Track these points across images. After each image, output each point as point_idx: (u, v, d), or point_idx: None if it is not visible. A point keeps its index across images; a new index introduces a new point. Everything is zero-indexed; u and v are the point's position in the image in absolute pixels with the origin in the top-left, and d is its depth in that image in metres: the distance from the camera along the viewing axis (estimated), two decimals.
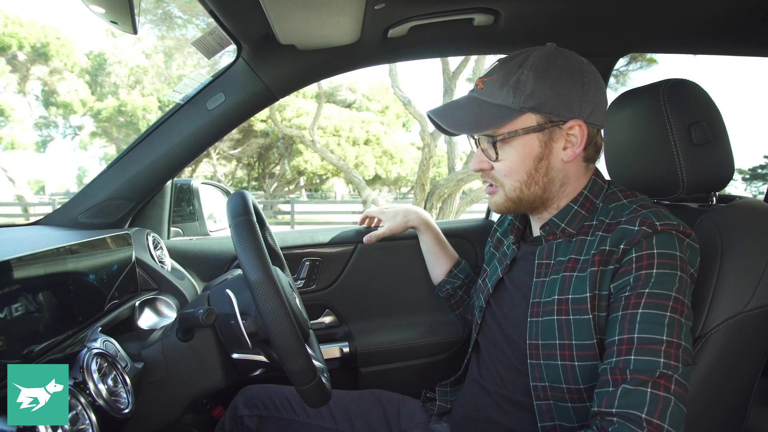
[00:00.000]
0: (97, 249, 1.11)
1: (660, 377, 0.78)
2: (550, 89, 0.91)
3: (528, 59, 0.92)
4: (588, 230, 0.96)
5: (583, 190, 0.99)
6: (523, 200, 0.98)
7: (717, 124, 1.08)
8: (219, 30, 1.23)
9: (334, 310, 1.70)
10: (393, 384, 1.51)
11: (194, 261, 1.60)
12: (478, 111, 0.94)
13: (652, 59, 9.71)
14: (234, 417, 1.25)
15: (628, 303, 0.84)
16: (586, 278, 0.90)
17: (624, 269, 0.86)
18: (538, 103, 0.91)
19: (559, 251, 0.98)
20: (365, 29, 1.24)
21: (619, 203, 0.96)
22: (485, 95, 0.95)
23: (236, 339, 0.98)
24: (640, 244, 0.86)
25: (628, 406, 0.78)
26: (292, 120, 15.29)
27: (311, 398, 0.89)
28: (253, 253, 0.86)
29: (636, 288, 0.84)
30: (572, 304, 0.91)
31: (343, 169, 10.78)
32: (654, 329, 0.81)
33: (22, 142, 15.47)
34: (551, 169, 0.96)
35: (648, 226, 0.86)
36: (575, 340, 0.89)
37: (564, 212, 0.99)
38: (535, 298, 0.98)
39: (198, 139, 1.39)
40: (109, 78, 16.96)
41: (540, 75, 0.91)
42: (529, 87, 0.90)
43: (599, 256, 0.90)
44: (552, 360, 0.92)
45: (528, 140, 0.94)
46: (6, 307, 0.77)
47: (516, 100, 0.91)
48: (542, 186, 0.97)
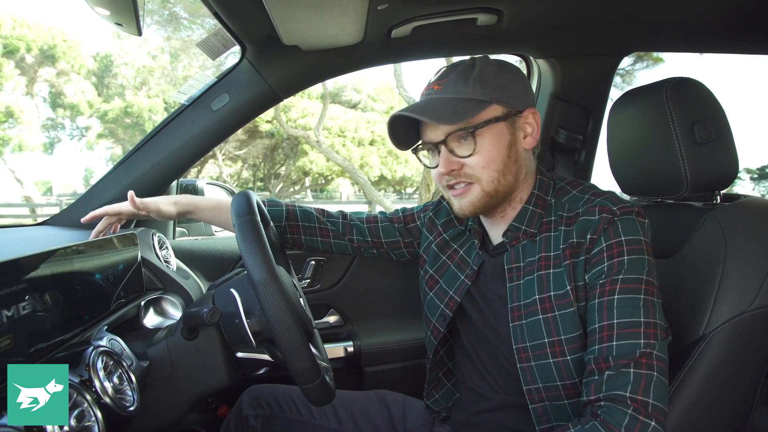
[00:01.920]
0: (103, 249, 1.12)
1: (641, 356, 0.82)
2: (509, 81, 0.97)
3: (479, 61, 0.97)
4: (549, 227, 0.98)
5: (533, 190, 1.02)
6: (499, 192, 0.98)
7: (721, 123, 1.08)
8: (223, 31, 1.24)
9: (338, 310, 1.71)
10: (397, 383, 1.51)
11: (199, 261, 1.61)
12: (452, 106, 0.94)
13: (659, 58, 9.68)
14: (239, 417, 1.25)
15: (603, 290, 0.87)
16: (563, 272, 0.93)
17: (596, 259, 0.89)
18: (502, 94, 0.95)
19: (526, 253, 0.99)
20: (368, 29, 1.25)
21: (570, 195, 0.99)
22: (449, 93, 0.96)
23: (240, 338, 0.98)
24: (607, 232, 0.89)
25: (613, 389, 0.81)
26: (297, 121, 15.30)
27: (315, 397, 0.89)
28: (257, 252, 0.86)
29: (610, 275, 0.87)
30: (555, 300, 0.93)
31: (348, 170, 10.79)
32: (631, 312, 0.84)
33: (30, 143, 15.55)
34: (519, 156, 0.98)
35: (607, 213, 0.90)
36: (564, 335, 0.91)
37: (521, 215, 1.01)
38: (514, 302, 0.98)
39: (203, 139, 1.40)
40: (115, 79, 17.04)
41: (500, 69, 0.97)
42: (493, 79, 0.95)
43: (569, 249, 0.93)
44: (543, 359, 0.93)
45: (500, 128, 0.96)
46: (13, 305, 0.77)
47: (484, 91, 0.94)
48: (514, 174, 0.98)
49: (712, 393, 0.97)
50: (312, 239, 1.34)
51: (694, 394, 0.96)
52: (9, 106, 14.43)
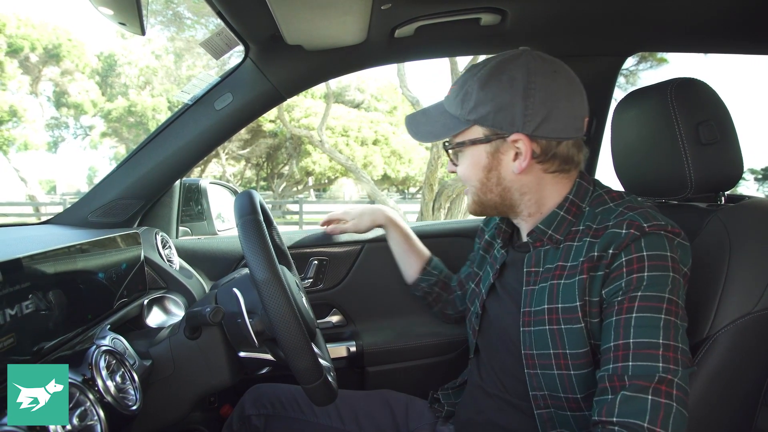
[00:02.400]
0: (107, 248, 1.12)
1: (660, 382, 0.76)
2: (491, 102, 0.90)
3: (483, 68, 0.92)
4: (575, 236, 0.94)
5: (568, 195, 0.97)
6: (486, 205, 0.99)
7: (725, 124, 1.07)
8: (226, 31, 1.24)
9: (341, 310, 1.71)
10: (400, 383, 1.51)
11: (202, 260, 1.61)
12: (436, 120, 0.97)
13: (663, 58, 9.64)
14: (242, 416, 1.25)
15: (621, 308, 0.82)
16: (575, 285, 0.89)
17: (615, 274, 0.85)
18: (480, 117, 0.91)
19: (547, 258, 0.97)
20: (372, 29, 1.25)
21: (605, 207, 0.94)
22: (447, 103, 0.98)
23: (243, 337, 0.98)
24: (629, 248, 0.84)
25: (629, 415, 0.76)
26: (300, 120, 15.32)
27: (317, 397, 0.89)
28: (259, 252, 0.87)
29: (628, 292, 0.82)
30: (563, 313, 0.89)
31: (351, 170, 10.78)
32: (650, 333, 0.79)
33: (34, 142, 15.61)
34: (503, 179, 0.95)
35: (636, 229, 0.84)
36: (569, 349, 0.88)
37: (550, 218, 0.97)
38: (526, 307, 0.96)
39: (206, 139, 1.40)
40: (119, 79, 17.09)
41: (482, 87, 0.90)
42: (473, 100, 0.91)
43: (588, 262, 0.88)
44: (548, 369, 0.91)
45: (475, 151, 0.94)
46: (16, 304, 0.78)
47: (462, 112, 0.93)
48: (498, 194, 0.97)
49: (716, 395, 0.96)
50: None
51: (698, 396, 0.95)
52: (13, 105, 14.48)
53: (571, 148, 0.94)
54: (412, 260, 1.46)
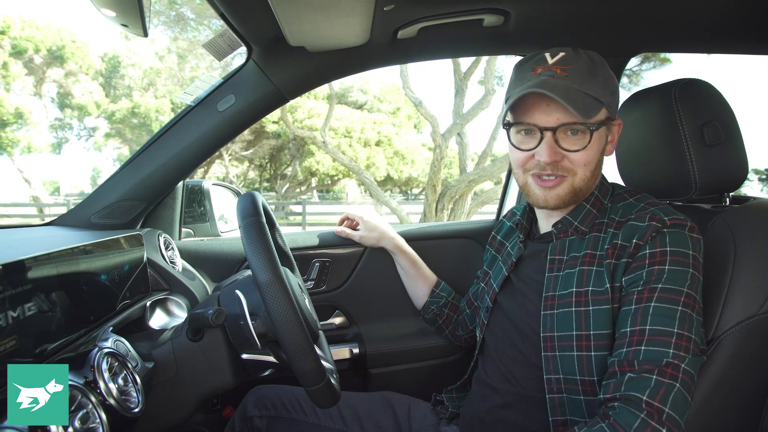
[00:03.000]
0: (110, 249, 1.12)
1: (666, 366, 0.80)
2: (616, 89, 1.00)
3: (597, 57, 0.98)
4: (600, 228, 1.00)
5: (594, 191, 1.03)
6: (583, 190, 1.00)
7: (730, 125, 1.07)
8: (229, 32, 1.24)
9: (343, 312, 1.70)
10: (403, 385, 1.51)
11: (205, 262, 1.61)
12: (582, 98, 0.92)
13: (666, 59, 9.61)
14: (244, 417, 1.25)
15: (641, 297, 0.87)
16: (604, 271, 0.94)
17: (636, 264, 0.90)
18: (612, 100, 0.98)
19: (572, 248, 1.02)
20: (374, 30, 1.25)
21: (626, 202, 1.01)
22: (577, 84, 0.93)
23: (245, 339, 0.98)
24: (654, 241, 0.89)
25: (630, 390, 0.80)
26: (303, 121, 15.33)
27: (320, 399, 0.89)
28: (262, 254, 0.86)
29: (649, 283, 0.87)
30: (592, 295, 0.94)
31: (354, 170, 10.77)
32: (665, 322, 0.83)
33: (38, 144, 15.66)
34: (601, 161, 1.02)
35: (657, 221, 0.91)
36: (593, 330, 0.92)
37: (576, 211, 1.02)
38: (549, 291, 1.00)
39: (209, 140, 1.40)
40: (123, 80, 17.13)
41: (611, 78, 0.98)
42: (611, 83, 0.97)
43: (612, 249, 0.94)
44: (568, 351, 0.94)
45: (602, 132, 0.98)
46: (19, 306, 0.77)
47: (604, 93, 0.95)
48: (597, 176, 1.02)
49: (722, 396, 0.96)
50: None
51: (704, 397, 0.95)
52: (18, 108, 14.53)
53: None
54: (420, 284, 1.52)
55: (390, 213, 11.10)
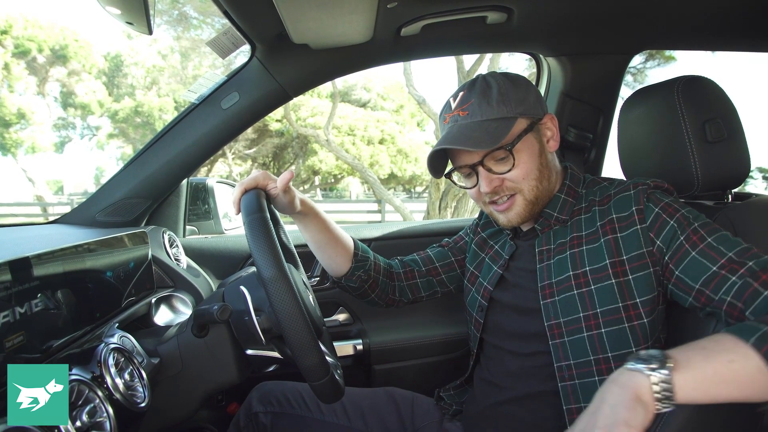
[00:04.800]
0: (114, 247, 1.13)
1: None
2: (524, 94, 1.02)
3: (490, 79, 1.03)
4: (580, 211, 1.05)
5: (565, 181, 1.09)
6: (539, 198, 1.04)
7: (733, 122, 1.07)
8: (233, 30, 1.24)
9: (347, 308, 1.71)
10: (406, 381, 1.52)
11: (209, 259, 1.62)
12: (485, 129, 0.98)
13: (671, 56, 9.59)
14: (248, 413, 1.26)
15: (693, 241, 0.88)
16: (602, 247, 0.97)
17: (658, 223, 0.92)
18: (524, 108, 1.01)
19: (557, 236, 1.06)
20: (378, 28, 1.25)
21: (600, 186, 1.07)
22: (477, 116, 1.00)
23: (250, 335, 0.99)
24: (651, 199, 0.94)
25: None
26: (306, 119, 15.32)
27: (324, 394, 0.89)
28: (266, 250, 0.87)
29: (686, 228, 0.89)
30: (591, 274, 0.96)
31: (357, 169, 10.77)
32: (734, 243, 0.85)
33: (42, 144, 15.68)
34: (548, 161, 1.06)
35: (642, 185, 0.97)
36: (600, 308, 0.94)
37: (553, 203, 1.07)
38: (544, 280, 1.02)
39: (213, 138, 1.40)
40: (125, 79, 17.15)
41: (514, 83, 1.02)
42: (513, 96, 1.00)
43: (609, 224, 0.98)
44: (577, 334, 0.95)
45: (529, 140, 1.02)
46: (26, 303, 0.78)
47: (509, 109, 1.00)
48: (547, 177, 1.05)
49: None
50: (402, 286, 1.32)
51: None
52: (21, 108, 14.56)
53: None
54: (339, 248, 1.23)
55: (393, 211, 11.11)
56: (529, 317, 1.05)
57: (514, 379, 1.06)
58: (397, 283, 1.31)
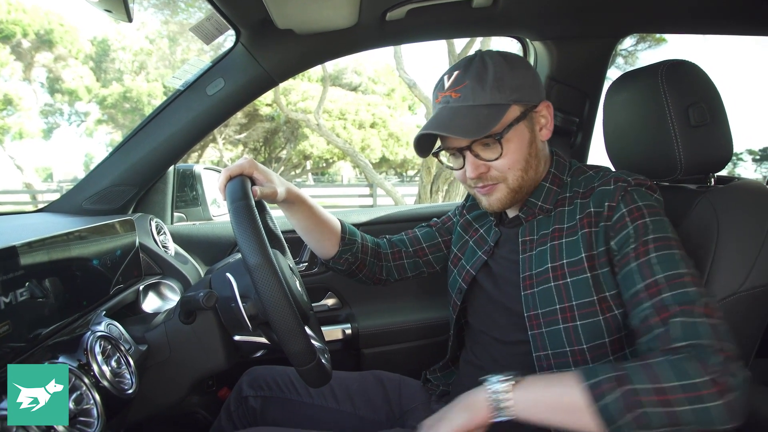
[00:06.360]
0: (101, 235, 1.13)
1: (700, 305, 0.80)
2: (521, 79, 0.98)
3: (489, 58, 0.97)
4: (564, 202, 1.03)
5: (551, 169, 1.06)
6: (524, 187, 1.02)
7: (715, 106, 1.07)
8: (216, 15, 1.23)
9: (336, 293, 1.72)
10: (394, 364, 1.53)
11: (197, 245, 1.62)
12: (474, 115, 0.95)
13: (661, 38, 9.58)
14: (239, 398, 1.27)
15: (638, 253, 0.88)
16: (579, 241, 0.96)
17: (619, 224, 0.91)
18: (520, 94, 0.97)
19: (540, 226, 1.04)
20: (363, 12, 1.24)
21: (586, 175, 1.04)
22: (468, 101, 0.96)
23: (237, 322, 0.99)
24: (625, 199, 0.92)
25: (690, 338, 0.77)
26: (297, 104, 15.21)
27: (311, 379, 0.90)
28: (251, 237, 0.87)
29: (639, 237, 0.88)
30: (568, 267, 0.96)
31: (349, 153, 10.74)
32: (673, 266, 0.84)
33: (30, 130, 15.50)
34: (539, 150, 1.03)
35: (623, 182, 0.94)
36: (575, 300, 0.94)
37: (538, 191, 1.05)
38: (525, 272, 1.02)
39: (198, 124, 1.40)
40: (113, 64, 16.93)
41: (511, 66, 0.97)
42: (508, 81, 0.96)
43: (587, 218, 0.96)
44: (554, 325, 0.96)
45: (520, 129, 0.98)
46: (11, 292, 0.78)
47: (502, 96, 0.95)
48: (535, 168, 1.02)
49: None
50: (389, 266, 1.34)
51: None
52: (7, 94, 14.36)
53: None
54: (326, 232, 1.25)
55: (385, 195, 11.10)
56: (511, 306, 1.05)
57: (498, 366, 1.07)
58: (384, 264, 1.33)
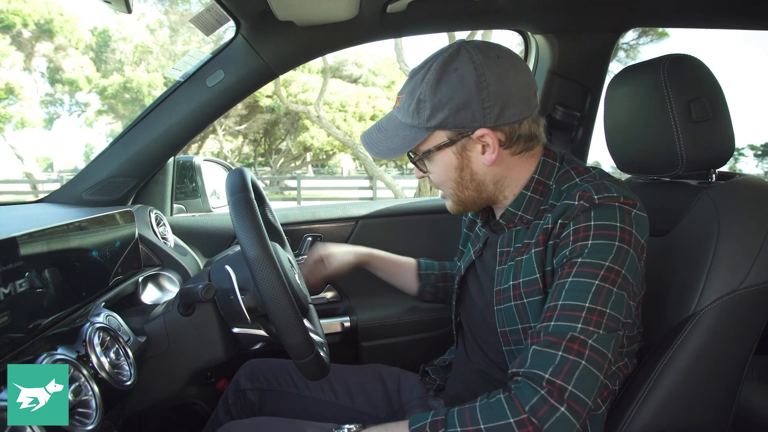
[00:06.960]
0: (101, 226, 1.13)
1: (571, 341, 0.77)
2: (447, 105, 0.86)
3: (429, 71, 0.88)
4: (542, 214, 0.93)
5: (534, 175, 0.96)
6: (466, 202, 0.98)
7: (717, 101, 1.07)
8: (217, 6, 1.22)
9: (335, 285, 1.72)
10: (393, 358, 1.53)
11: (197, 237, 1.62)
12: (394, 134, 0.93)
13: (664, 32, 9.54)
14: (237, 390, 1.28)
15: (561, 274, 0.84)
16: (532, 259, 0.90)
17: (562, 243, 0.86)
18: (440, 122, 0.88)
19: (518, 238, 0.97)
20: (363, 4, 1.23)
21: (571, 183, 0.92)
22: (400, 114, 0.93)
23: (236, 314, 1.00)
24: (578, 218, 0.84)
25: (534, 366, 0.78)
26: (297, 95, 15.20)
27: (309, 372, 0.91)
28: (250, 229, 0.87)
29: (570, 259, 0.83)
30: (524, 287, 0.91)
31: (349, 145, 10.74)
32: (577, 296, 0.80)
33: (31, 119, 15.48)
34: (476, 174, 0.94)
35: (586, 200, 0.84)
36: (532, 322, 0.90)
37: (518, 200, 0.96)
38: (498, 285, 0.98)
39: (198, 116, 1.39)
40: (114, 54, 16.88)
41: (434, 92, 0.87)
42: (428, 107, 0.87)
43: (542, 235, 0.89)
44: (521, 344, 0.93)
45: (443, 155, 0.92)
46: (10, 282, 0.78)
47: (421, 121, 0.89)
48: (474, 189, 0.96)
49: (701, 370, 0.98)
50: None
51: (683, 372, 0.97)
52: (9, 83, 14.34)
53: (532, 124, 0.92)
54: (404, 275, 1.38)
55: (385, 187, 11.10)
56: (489, 319, 1.02)
57: (489, 365, 1.06)
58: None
